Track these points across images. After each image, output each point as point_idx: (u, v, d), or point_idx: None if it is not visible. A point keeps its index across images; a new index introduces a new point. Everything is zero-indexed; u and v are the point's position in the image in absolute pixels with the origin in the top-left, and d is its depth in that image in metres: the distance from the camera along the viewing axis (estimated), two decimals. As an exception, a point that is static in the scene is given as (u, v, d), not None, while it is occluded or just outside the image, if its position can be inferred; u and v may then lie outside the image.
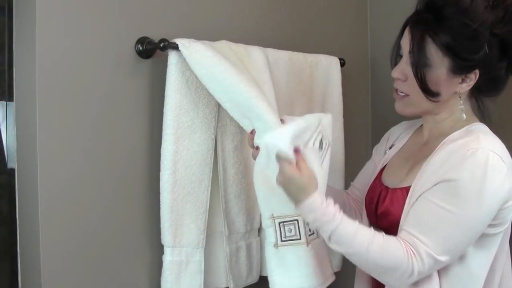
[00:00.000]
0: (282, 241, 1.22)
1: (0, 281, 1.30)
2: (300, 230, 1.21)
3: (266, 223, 1.23)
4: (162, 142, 1.28)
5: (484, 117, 1.19)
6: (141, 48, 1.29)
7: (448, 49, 1.09)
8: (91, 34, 1.22)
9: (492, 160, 1.05)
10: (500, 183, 1.05)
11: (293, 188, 1.10)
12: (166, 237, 1.28)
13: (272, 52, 1.49)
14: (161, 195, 1.28)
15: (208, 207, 1.34)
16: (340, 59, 1.71)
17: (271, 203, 1.22)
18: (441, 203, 1.06)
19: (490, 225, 1.09)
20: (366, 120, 2.00)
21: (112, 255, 1.28)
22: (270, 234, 1.24)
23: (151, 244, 1.33)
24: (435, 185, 1.08)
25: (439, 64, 1.11)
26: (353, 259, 1.11)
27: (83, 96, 1.21)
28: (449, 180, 1.06)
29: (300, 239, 1.21)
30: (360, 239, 1.07)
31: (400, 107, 1.21)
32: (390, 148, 1.36)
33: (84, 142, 1.22)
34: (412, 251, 1.06)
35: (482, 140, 1.08)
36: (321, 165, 1.21)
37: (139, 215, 1.32)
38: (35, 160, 1.15)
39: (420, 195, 1.10)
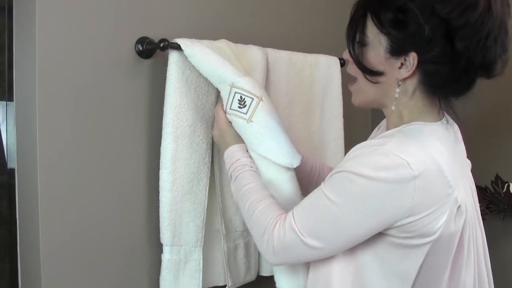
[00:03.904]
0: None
1: (0, 281, 1.30)
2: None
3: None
4: (162, 141, 1.28)
5: (442, 117, 1.08)
6: (141, 48, 1.29)
7: (382, 25, 1.01)
8: (91, 34, 1.22)
9: (394, 167, 0.93)
10: (399, 196, 0.94)
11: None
12: (165, 236, 1.29)
13: (272, 52, 1.49)
14: (160, 194, 1.28)
15: (206, 205, 1.35)
16: (340, 59, 1.70)
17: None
18: (323, 187, 1.02)
19: (406, 237, 0.99)
20: (366, 120, 2.00)
21: (112, 254, 1.28)
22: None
23: (151, 243, 1.33)
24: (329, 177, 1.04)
25: (376, 43, 1.04)
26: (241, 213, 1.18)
27: (82, 96, 1.21)
28: (339, 171, 1.00)
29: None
30: (244, 195, 1.14)
31: (352, 97, 1.15)
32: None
33: (84, 142, 1.22)
34: (281, 219, 1.05)
35: (395, 142, 0.98)
36: (250, 119, 1.23)
37: (139, 214, 1.32)
38: (35, 160, 1.15)
39: None
